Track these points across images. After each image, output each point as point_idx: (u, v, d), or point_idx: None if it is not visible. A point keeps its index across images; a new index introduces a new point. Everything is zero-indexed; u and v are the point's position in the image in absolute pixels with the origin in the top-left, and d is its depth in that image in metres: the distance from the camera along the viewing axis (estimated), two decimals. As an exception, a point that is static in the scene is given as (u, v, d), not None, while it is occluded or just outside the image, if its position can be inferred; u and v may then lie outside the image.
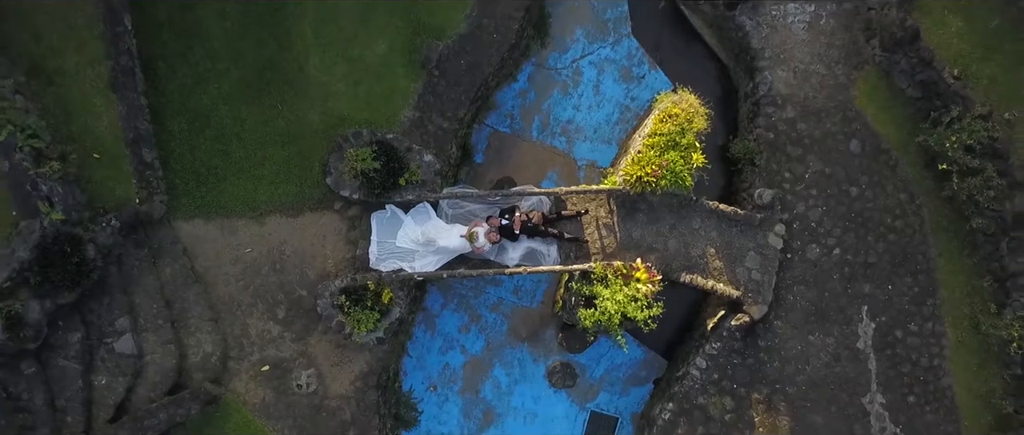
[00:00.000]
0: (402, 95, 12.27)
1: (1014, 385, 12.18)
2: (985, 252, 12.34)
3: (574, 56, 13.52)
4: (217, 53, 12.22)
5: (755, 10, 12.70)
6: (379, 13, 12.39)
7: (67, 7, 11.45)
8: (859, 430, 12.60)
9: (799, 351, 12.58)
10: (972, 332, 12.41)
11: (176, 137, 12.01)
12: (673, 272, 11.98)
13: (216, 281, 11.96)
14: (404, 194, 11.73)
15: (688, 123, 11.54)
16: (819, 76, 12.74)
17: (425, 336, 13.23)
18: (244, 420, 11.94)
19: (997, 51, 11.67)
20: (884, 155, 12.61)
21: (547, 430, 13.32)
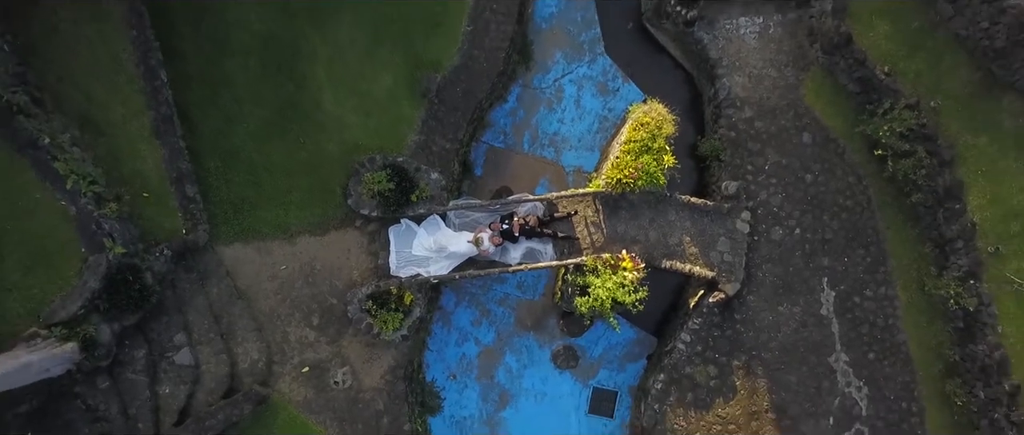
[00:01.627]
0: (407, 122, 13.86)
1: (957, 336, 13.79)
2: (925, 223, 13.97)
3: (556, 76, 15.13)
4: (242, 97, 13.79)
5: (711, 25, 14.32)
6: (382, 52, 13.97)
7: (111, 68, 13.05)
8: (827, 386, 14.22)
9: (771, 321, 14.19)
10: (919, 293, 14.02)
11: (213, 173, 13.58)
12: (655, 260, 13.57)
13: (257, 296, 13.52)
14: (416, 209, 13.31)
15: (658, 129, 13.15)
16: (771, 79, 14.37)
17: (442, 331, 14.80)
18: (290, 416, 13.49)
19: (920, 49, 13.29)
20: (832, 144, 14.23)
21: (556, 407, 14.89)
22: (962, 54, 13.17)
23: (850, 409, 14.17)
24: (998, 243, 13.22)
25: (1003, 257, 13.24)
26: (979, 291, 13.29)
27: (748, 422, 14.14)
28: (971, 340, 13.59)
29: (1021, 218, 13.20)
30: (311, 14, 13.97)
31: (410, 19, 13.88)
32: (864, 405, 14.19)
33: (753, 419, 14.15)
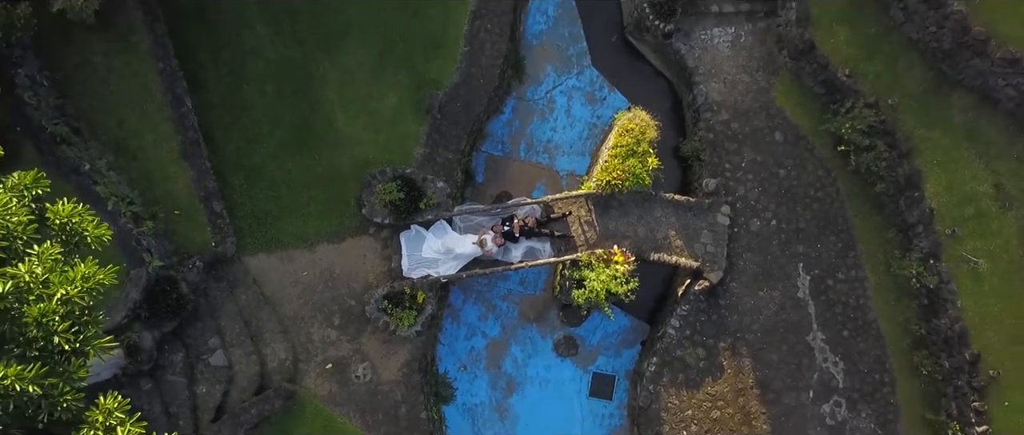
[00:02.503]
0: (413, 137, 15.03)
1: (922, 312, 15.04)
2: (889, 210, 15.22)
3: (547, 88, 16.35)
4: (261, 120, 14.97)
5: (688, 36, 15.57)
6: (387, 73, 15.16)
7: (141, 97, 14.22)
8: (806, 362, 15.45)
9: (752, 305, 15.42)
10: (886, 274, 15.25)
11: (237, 190, 14.74)
12: (644, 253, 14.78)
13: (282, 301, 14.68)
14: (424, 215, 14.48)
15: (642, 134, 14.36)
16: (744, 83, 15.62)
17: (452, 326, 15.97)
18: (316, 409, 14.64)
19: (877, 52, 14.55)
20: (802, 141, 15.47)
21: (559, 392, 16.07)
22: (915, 56, 14.44)
23: (828, 382, 15.40)
24: (954, 226, 14.49)
25: (959, 238, 14.50)
26: (939, 270, 14.54)
27: (735, 398, 15.37)
28: (934, 315, 14.85)
29: (974, 202, 14.48)
30: (320, 41, 15.16)
31: (412, 42, 15.09)
32: (840, 378, 15.42)
33: (740, 395, 15.37)
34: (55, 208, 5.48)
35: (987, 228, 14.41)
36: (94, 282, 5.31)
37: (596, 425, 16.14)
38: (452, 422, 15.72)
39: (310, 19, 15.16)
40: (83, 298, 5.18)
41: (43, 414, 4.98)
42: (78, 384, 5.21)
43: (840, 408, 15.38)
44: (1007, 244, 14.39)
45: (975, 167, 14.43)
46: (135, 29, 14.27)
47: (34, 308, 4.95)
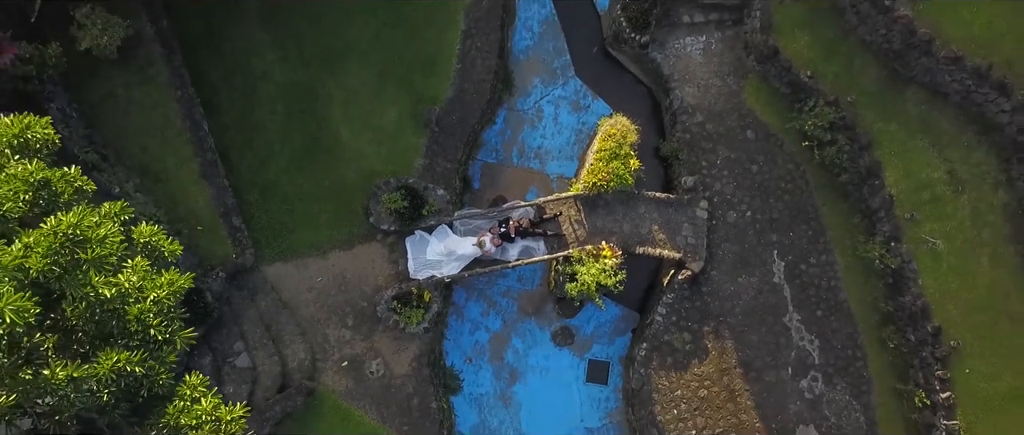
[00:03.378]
0: (414, 149, 16.37)
1: (888, 290, 16.43)
2: (853, 198, 16.61)
3: (536, 98, 17.70)
4: (273, 139, 16.29)
5: (662, 46, 16.96)
6: (387, 91, 16.49)
7: (161, 123, 15.54)
8: (784, 341, 16.83)
9: (732, 290, 16.81)
10: (854, 257, 16.61)
11: (253, 205, 16.07)
12: (630, 247, 16.14)
13: (299, 305, 16.00)
14: (427, 221, 15.82)
15: (623, 138, 15.74)
16: (716, 87, 17.02)
17: (457, 323, 17.25)
18: (335, 404, 15.95)
19: (835, 54, 15.94)
20: (772, 138, 16.85)
21: (558, 379, 17.36)
22: (869, 56, 15.85)
23: (805, 359, 16.79)
24: (913, 210, 15.89)
25: (918, 222, 15.91)
26: (901, 251, 15.95)
27: (720, 377, 16.76)
28: (899, 292, 16.25)
29: (929, 188, 15.88)
30: (324, 63, 16.49)
31: (409, 62, 16.44)
32: (816, 355, 16.82)
33: (724, 374, 16.76)
34: (139, 229, 6.81)
35: (942, 211, 15.83)
36: (176, 286, 6.64)
37: (594, 408, 17.50)
38: (460, 411, 17.08)
39: (313, 44, 16.49)
40: (169, 299, 6.51)
41: (144, 390, 6.30)
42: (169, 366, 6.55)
43: (817, 382, 16.78)
44: (961, 225, 15.81)
45: (929, 156, 15.84)
46: (153, 61, 15.59)
47: (134, 308, 6.26)
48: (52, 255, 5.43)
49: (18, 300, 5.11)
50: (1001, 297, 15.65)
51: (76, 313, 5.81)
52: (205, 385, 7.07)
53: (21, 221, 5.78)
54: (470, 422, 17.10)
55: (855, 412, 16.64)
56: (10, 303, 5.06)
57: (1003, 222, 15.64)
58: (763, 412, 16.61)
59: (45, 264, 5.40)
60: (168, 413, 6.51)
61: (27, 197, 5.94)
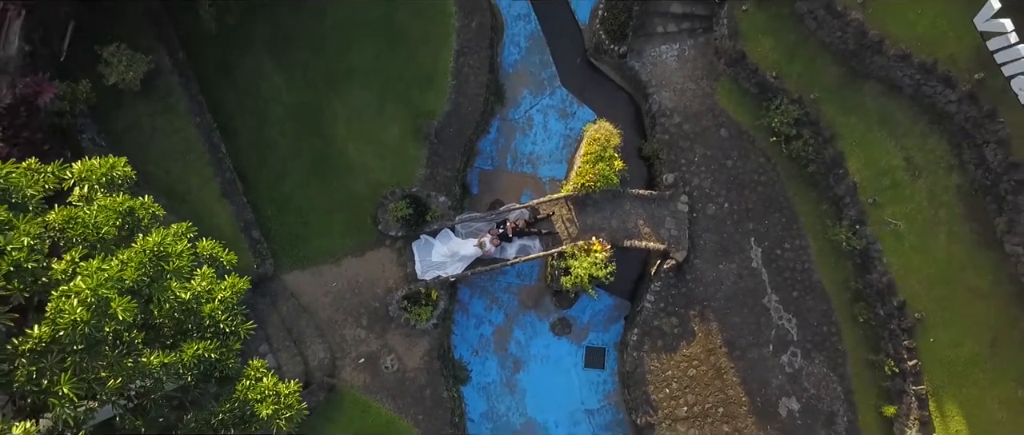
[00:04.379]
0: (415, 160, 17.87)
1: (857, 270, 17.94)
2: (821, 187, 18.17)
3: (526, 108, 19.22)
4: (285, 157, 17.80)
5: (639, 54, 18.52)
6: (388, 108, 18.02)
7: (183, 148, 17.03)
8: (765, 321, 18.38)
9: (714, 277, 18.37)
10: (825, 241, 18.11)
11: (271, 218, 17.56)
12: (618, 241, 17.69)
13: (317, 309, 17.51)
14: (431, 226, 17.33)
15: (607, 142, 17.28)
16: (691, 90, 18.59)
17: (463, 318, 18.73)
18: (354, 398, 17.43)
19: (797, 55, 17.49)
20: (744, 135, 18.42)
21: (559, 366, 18.86)
22: (828, 56, 17.42)
23: (784, 336, 18.35)
24: (875, 195, 17.44)
25: (880, 205, 17.46)
26: (866, 233, 17.51)
27: (707, 357, 18.31)
28: (866, 271, 17.82)
29: (889, 174, 17.44)
30: (329, 85, 17.98)
31: (407, 80, 17.95)
32: (794, 332, 18.37)
33: (711, 354, 18.31)
34: (202, 244, 8.32)
35: (902, 195, 17.38)
36: (238, 288, 8.15)
37: (593, 391, 19.04)
38: (470, 400, 18.59)
39: (318, 67, 17.99)
40: (232, 299, 8.02)
41: (217, 372, 7.80)
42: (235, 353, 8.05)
43: (796, 357, 18.34)
44: (920, 207, 17.36)
45: (887, 145, 17.39)
46: (173, 91, 17.10)
47: (206, 307, 7.75)
48: (142, 268, 6.92)
49: (124, 302, 6.61)
50: (958, 271, 17.19)
51: (162, 313, 7.29)
52: (265, 367, 8.61)
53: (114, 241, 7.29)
54: (479, 409, 18.63)
55: (832, 383, 18.20)
56: (119, 305, 6.56)
57: (957, 202, 17.20)
58: (748, 387, 18.16)
59: (138, 275, 6.89)
60: (238, 390, 8.02)
61: (117, 222, 7.44)
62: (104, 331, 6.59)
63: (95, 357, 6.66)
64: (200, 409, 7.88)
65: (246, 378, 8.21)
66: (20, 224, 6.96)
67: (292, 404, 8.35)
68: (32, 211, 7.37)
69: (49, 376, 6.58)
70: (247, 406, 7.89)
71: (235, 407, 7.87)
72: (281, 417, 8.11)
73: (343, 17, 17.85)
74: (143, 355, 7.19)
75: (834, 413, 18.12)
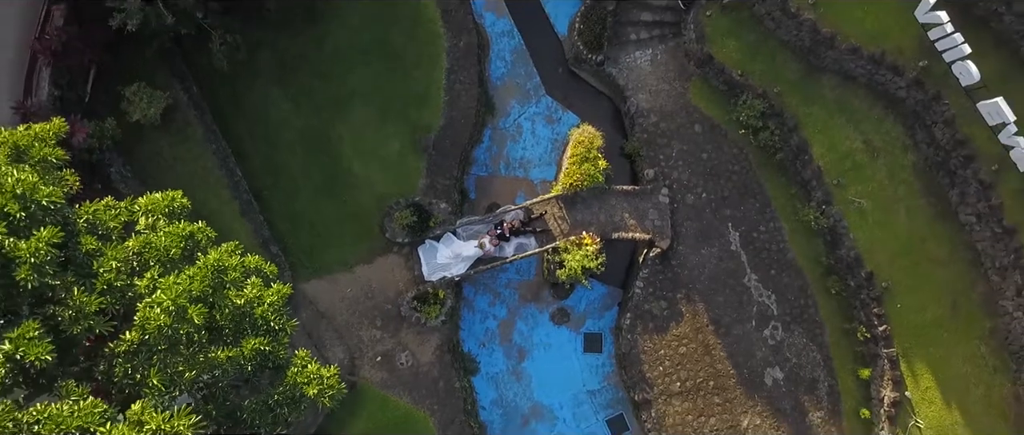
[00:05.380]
0: (416, 172, 19.50)
1: (827, 247, 19.61)
2: (790, 172, 19.89)
3: (515, 117, 20.92)
4: (296, 176, 19.45)
5: (616, 61, 20.22)
6: (388, 126, 19.68)
7: (201, 174, 18.68)
8: (746, 299, 20.09)
9: (697, 261, 20.07)
10: (796, 221, 19.82)
11: (287, 233, 19.18)
12: (607, 234, 19.37)
13: (335, 314, 19.17)
14: (434, 231, 18.95)
15: (591, 144, 18.95)
16: (665, 91, 20.30)
17: (469, 314, 20.38)
18: (374, 394, 19.05)
19: (759, 54, 19.20)
20: (717, 129, 20.12)
21: (560, 353, 20.45)
22: (788, 53, 19.14)
23: (765, 312, 20.06)
24: (839, 177, 19.14)
25: (844, 186, 19.18)
26: (832, 212, 19.22)
27: (696, 335, 20.02)
28: (836, 247, 19.55)
29: (850, 157, 19.14)
30: (332, 108, 19.61)
31: (404, 99, 19.59)
32: (774, 307, 20.09)
33: (699, 332, 20.01)
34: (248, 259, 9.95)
35: (863, 175, 19.11)
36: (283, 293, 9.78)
37: (593, 374, 20.72)
38: (480, 389, 20.26)
39: (321, 93, 19.65)
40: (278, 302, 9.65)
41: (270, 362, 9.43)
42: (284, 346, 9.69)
43: (777, 330, 20.06)
44: (880, 185, 19.09)
45: (847, 130, 19.12)
46: (189, 122, 18.77)
47: (258, 310, 9.38)
48: (205, 280, 8.55)
49: (197, 309, 8.24)
50: (919, 242, 18.93)
51: (222, 316, 8.91)
52: (309, 356, 10.28)
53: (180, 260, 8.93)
54: (490, 397, 20.31)
55: (812, 351, 19.92)
56: (194, 311, 8.19)
57: (914, 179, 18.92)
58: (735, 360, 19.88)
59: (203, 286, 8.51)
60: (288, 376, 9.67)
61: (181, 245, 9.06)
62: (181, 333, 8.21)
63: (175, 355, 8.28)
64: (258, 393, 9.53)
65: (294, 366, 9.86)
66: (108, 251, 8.59)
67: (333, 384, 10.02)
68: (114, 239, 9.01)
69: (140, 372, 8.21)
70: (297, 388, 9.54)
71: (287, 390, 9.51)
72: (325, 395, 9.79)
73: (341, 44, 19.52)
74: (211, 351, 8.83)
75: (815, 379, 19.85)
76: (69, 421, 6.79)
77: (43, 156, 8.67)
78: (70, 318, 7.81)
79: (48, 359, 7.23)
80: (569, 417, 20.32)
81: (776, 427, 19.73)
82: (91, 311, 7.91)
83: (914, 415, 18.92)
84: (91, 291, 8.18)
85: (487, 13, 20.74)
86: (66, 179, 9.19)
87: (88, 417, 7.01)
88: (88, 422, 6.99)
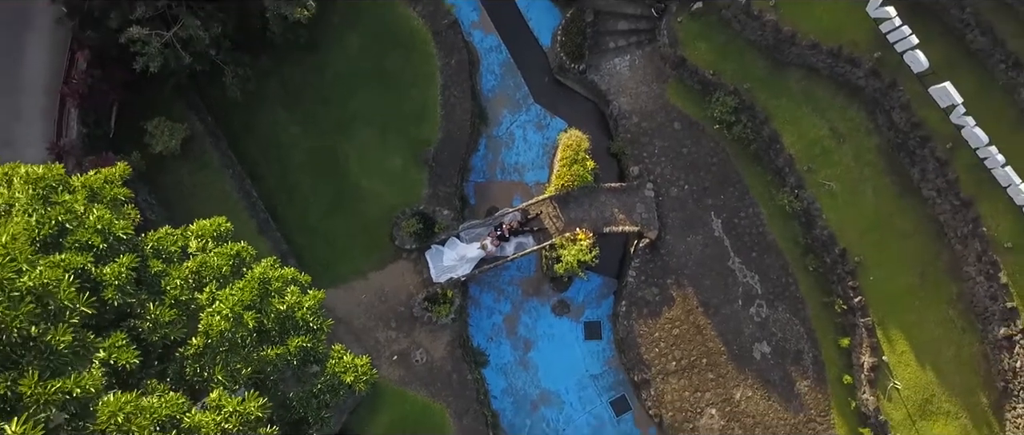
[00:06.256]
0: (419, 183, 21.15)
1: (803, 228, 21.30)
2: (764, 161, 21.61)
3: (507, 125, 22.60)
4: (308, 194, 21.11)
5: (597, 69, 21.93)
6: (390, 143, 21.32)
7: (220, 197, 20.33)
8: (731, 280, 21.79)
9: (684, 248, 21.78)
10: (773, 206, 21.53)
11: (303, 248, 20.85)
12: (599, 229, 21.05)
13: (352, 319, 20.84)
14: (439, 236, 20.65)
15: (578, 146, 20.65)
16: (644, 93, 22.01)
17: (476, 311, 22.07)
18: (393, 390, 20.71)
19: (729, 54, 20.92)
20: (694, 125, 21.83)
21: (563, 342, 22.10)
22: (755, 51, 20.87)
23: (750, 291, 21.77)
24: (809, 163, 20.84)
25: (814, 170, 20.90)
26: (805, 196, 20.93)
27: (687, 317, 21.71)
28: (811, 227, 21.25)
29: (819, 144, 20.86)
30: (337, 129, 21.25)
31: (403, 116, 21.26)
32: (758, 287, 21.79)
33: (690, 314, 21.71)
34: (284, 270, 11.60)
35: (831, 159, 20.83)
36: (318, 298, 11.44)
37: (595, 359, 22.39)
38: (491, 379, 21.92)
39: (326, 116, 21.31)
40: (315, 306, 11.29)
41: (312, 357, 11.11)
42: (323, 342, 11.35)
43: (762, 307, 21.76)
44: (847, 168, 20.81)
45: (814, 119, 20.83)
46: (206, 150, 20.43)
47: (298, 313, 11.03)
48: (254, 291, 10.19)
49: (251, 315, 9.88)
50: (886, 218, 20.65)
51: (269, 321, 10.55)
52: (343, 349, 11.97)
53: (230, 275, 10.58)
54: (500, 386, 21.99)
55: (795, 325, 21.64)
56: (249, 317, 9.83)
57: (878, 160, 20.66)
58: (725, 338, 21.59)
59: (252, 296, 10.15)
60: (328, 367, 11.34)
61: (230, 263, 10.72)
62: (238, 336, 9.85)
63: (234, 354, 9.91)
64: (304, 384, 11.18)
65: (332, 358, 11.52)
66: (172, 271, 10.23)
67: (366, 371, 11.69)
68: (175, 261, 10.66)
69: (206, 370, 9.84)
70: (335, 377, 11.19)
71: (328, 379, 11.17)
72: (360, 381, 11.46)
73: (342, 70, 21.20)
74: (263, 350, 10.47)
75: (800, 350, 21.56)
76: (160, 411, 8.41)
77: (113, 195, 10.29)
78: (148, 328, 9.44)
79: (135, 362, 8.85)
80: (575, 401, 22.02)
81: (767, 397, 21.45)
82: (166, 321, 9.55)
83: (892, 377, 20.64)
84: (162, 305, 9.82)
85: (475, 31, 22.43)
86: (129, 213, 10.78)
87: (173, 407, 8.64)
88: (173, 411, 8.62)
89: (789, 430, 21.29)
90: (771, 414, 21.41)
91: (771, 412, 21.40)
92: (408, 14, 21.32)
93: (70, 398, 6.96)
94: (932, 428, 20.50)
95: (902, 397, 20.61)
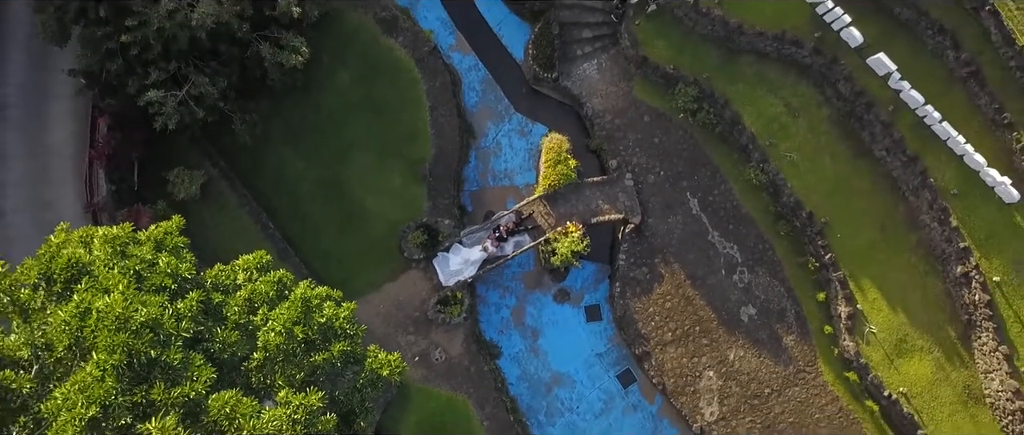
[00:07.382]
0: (419, 198, 23.28)
1: (772, 197, 23.52)
2: (730, 141, 23.80)
3: (493, 136, 24.78)
4: (319, 220, 23.22)
5: (569, 75, 24.09)
6: (388, 165, 23.43)
7: (240, 231, 22.50)
8: (713, 253, 23.99)
9: (666, 229, 23.98)
10: (742, 181, 23.70)
11: (320, 269, 22.94)
12: (587, 220, 23.22)
13: (373, 328, 22.82)
14: (443, 244, 22.78)
15: (560, 148, 22.82)
16: (614, 92, 24.19)
17: (485, 308, 24.22)
18: (417, 388, 22.83)
19: (685, 49, 23.08)
20: (663, 117, 24.02)
21: (567, 327, 24.18)
22: (709, 44, 23.07)
23: (731, 261, 23.98)
24: (769, 138, 23.07)
25: (775, 145, 23.12)
26: (770, 168, 23.14)
27: (677, 291, 23.92)
28: (778, 196, 23.45)
29: (776, 120, 23.07)
30: (338, 158, 23.34)
31: (397, 139, 23.36)
32: (738, 256, 24.00)
33: (679, 288, 23.92)
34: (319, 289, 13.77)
35: (789, 133, 23.03)
36: (351, 309, 13.59)
37: (598, 339, 24.55)
38: (506, 369, 24.07)
39: (325, 147, 23.39)
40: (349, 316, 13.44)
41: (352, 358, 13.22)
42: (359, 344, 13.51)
43: (744, 274, 23.97)
44: (804, 139, 23.00)
45: (769, 98, 23.03)
46: (223, 192, 22.57)
47: (337, 323, 13.18)
48: (299, 309, 12.32)
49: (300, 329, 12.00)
50: (845, 180, 22.86)
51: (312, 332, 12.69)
52: (377, 348, 14.17)
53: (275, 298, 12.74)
54: (515, 374, 24.17)
55: (776, 286, 23.85)
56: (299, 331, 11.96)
57: (831, 129, 22.87)
58: (713, 306, 23.79)
59: (297, 313, 12.27)
60: (366, 365, 13.49)
61: (275, 288, 12.86)
62: (290, 347, 11.98)
63: (289, 363, 12.05)
64: (345, 381, 13.35)
65: (369, 356, 13.70)
66: (229, 300, 12.35)
67: (399, 365, 13.87)
68: (231, 292, 12.79)
69: (268, 378, 11.97)
70: (373, 373, 13.36)
71: (367, 375, 13.35)
72: (395, 373, 13.65)
73: (334, 104, 23.34)
74: (311, 357, 12.63)
75: (783, 309, 23.79)
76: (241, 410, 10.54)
77: (174, 244, 12.41)
78: (218, 348, 11.58)
79: (213, 377, 10.97)
80: (585, 379, 24.22)
81: (758, 355, 23.67)
82: (232, 341, 11.69)
83: (868, 323, 22.88)
84: (226, 328, 11.96)
85: (453, 53, 24.60)
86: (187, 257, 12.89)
87: (248, 408, 10.76)
88: (249, 411, 10.74)
89: (781, 382, 23.52)
90: (764, 369, 23.64)
91: (763, 367, 23.63)
92: (391, 45, 23.46)
93: (188, 399, 9.07)
94: (909, 364, 22.75)
95: (879, 340, 22.84)
